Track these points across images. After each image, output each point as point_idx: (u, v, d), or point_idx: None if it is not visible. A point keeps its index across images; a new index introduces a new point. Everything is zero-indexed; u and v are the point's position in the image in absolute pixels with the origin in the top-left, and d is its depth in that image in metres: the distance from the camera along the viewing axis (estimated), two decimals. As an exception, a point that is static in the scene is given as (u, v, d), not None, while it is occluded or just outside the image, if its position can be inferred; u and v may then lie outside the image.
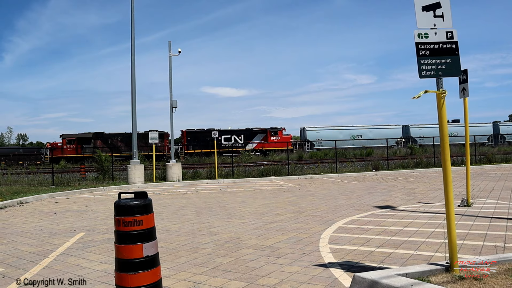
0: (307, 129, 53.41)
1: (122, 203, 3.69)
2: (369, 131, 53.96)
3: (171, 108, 23.55)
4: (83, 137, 46.53)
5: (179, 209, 11.50)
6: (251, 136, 49.20)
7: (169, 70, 23.83)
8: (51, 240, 7.76)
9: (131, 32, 20.75)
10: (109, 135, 47.48)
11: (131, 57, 20.81)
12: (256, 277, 5.12)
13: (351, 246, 6.50)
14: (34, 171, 28.88)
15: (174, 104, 23.46)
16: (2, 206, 12.74)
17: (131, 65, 20.80)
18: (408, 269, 4.49)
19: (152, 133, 23.00)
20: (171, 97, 23.66)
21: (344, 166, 27.13)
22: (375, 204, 11.07)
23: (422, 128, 55.92)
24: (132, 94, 20.80)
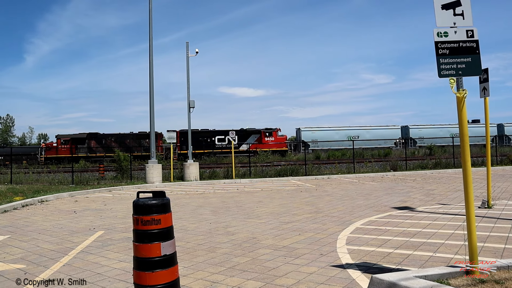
0: (302, 129, 52.60)
1: (140, 202, 3.73)
2: (366, 132, 52.94)
3: (189, 108, 23.70)
4: (78, 137, 46.91)
5: (197, 208, 11.57)
6: (245, 137, 48.43)
7: (187, 70, 23.99)
8: (71, 238, 7.89)
9: (149, 33, 20.95)
10: (103, 136, 47.69)
11: (149, 58, 21.02)
12: (273, 277, 5.11)
13: (369, 247, 6.45)
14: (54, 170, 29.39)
15: (191, 104, 23.61)
16: (24, 204, 13.01)
17: (149, 65, 21.01)
18: (427, 271, 4.43)
19: (170, 133, 23.20)
20: (189, 97, 23.81)
21: (361, 167, 26.92)
22: (393, 205, 10.96)
23: (422, 129, 54.84)
24: (150, 94, 21.00)
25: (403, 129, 56.07)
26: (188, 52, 23.92)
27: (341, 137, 49.92)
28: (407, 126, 55.89)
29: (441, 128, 54.75)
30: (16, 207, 12.53)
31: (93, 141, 46.47)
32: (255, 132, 48.74)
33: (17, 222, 10.02)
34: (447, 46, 4.68)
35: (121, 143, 46.37)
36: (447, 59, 4.65)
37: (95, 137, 47.10)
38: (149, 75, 21.02)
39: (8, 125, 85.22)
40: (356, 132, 52.89)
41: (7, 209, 12.02)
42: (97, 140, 46.78)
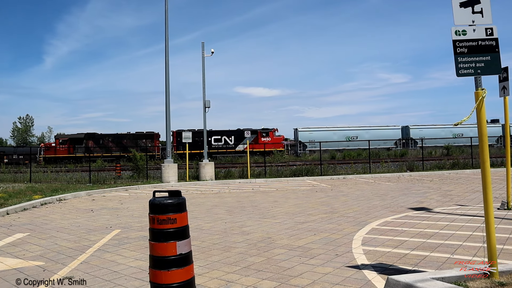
0: (299, 130, 51.98)
1: (156, 201, 3.76)
2: (365, 132, 51.95)
3: (204, 108, 23.81)
4: (76, 137, 47.48)
5: (212, 208, 11.61)
6: (242, 137, 47.85)
7: (202, 70, 24.10)
8: (88, 236, 8.00)
9: (165, 33, 21.11)
10: (101, 136, 48.24)
11: (165, 58, 21.18)
12: (288, 277, 5.10)
13: (384, 248, 6.39)
14: (72, 169, 29.82)
15: (207, 104, 23.72)
16: (43, 203, 13.23)
17: (165, 66, 21.17)
18: (445, 273, 4.37)
19: (185, 132, 23.35)
20: (204, 97, 23.92)
21: (377, 167, 26.69)
22: (410, 206, 10.84)
23: (423, 129, 53.79)
24: (166, 94, 21.16)
25: (404, 129, 55.27)
26: (203, 52, 24.03)
27: (339, 138, 49.33)
28: (407, 126, 55.05)
29: (443, 128, 53.77)
30: (35, 206, 12.75)
31: (90, 141, 47.04)
32: (252, 132, 48.00)
33: (36, 220, 10.20)
34: (466, 44, 4.61)
35: (118, 143, 47.02)
36: (465, 58, 4.58)
37: (92, 137, 47.73)
38: (165, 75, 21.18)
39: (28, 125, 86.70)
40: (355, 133, 52.06)
41: (27, 207, 12.23)
42: (94, 140, 47.38)
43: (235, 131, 48.18)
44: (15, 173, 26.30)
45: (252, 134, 47.56)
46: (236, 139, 47.80)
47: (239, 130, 48.60)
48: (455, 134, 51.54)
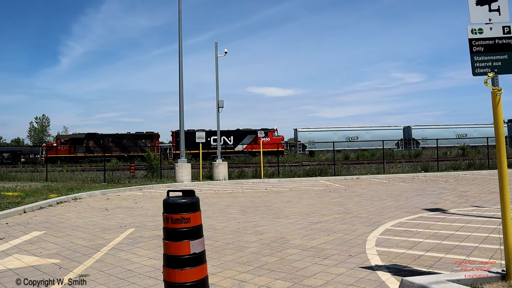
0: (299, 130, 51.61)
1: (170, 200, 3.78)
2: (366, 133, 51.39)
3: (218, 108, 23.89)
4: (76, 137, 48.10)
5: (225, 207, 11.64)
6: (241, 137, 47.84)
7: (216, 70, 24.17)
8: (103, 235, 8.08)
9: (179, 34, 21.22)
10: (101, 136, 48.77)
11: (178, 59, 21.29)
12: (301, 277, 5.09)
13: (398, 249, 6.34)
14: (87, 169, 30.17)
15: (220, 104, 23.79)
16: (59, 201, 13.41)
17: (178, 66, 21.28)
18: (460, 275, 4.32)
19: (199, 132, 23.44)
20: (218, 97, 23.99)
21: (391, 167, 26.47)
22: (424, 207, 10.73)
23: (425, 129, 52.97)
24: (179, 94, 21.28)
25: (406, 129, 54.62)
26: (217, 52, 24.10)
27: (339, 138, 48.72)
28: (409, 126, 54.38)
29: (446, 128, 53.01)
30: (51, 204, 12.93)
31: (91, 141, 47.57)
32: (250, 132, 47.99)
33: (52, 218, 10.34)
34: (482, 43, 4.55)
35: (118, 143, 47.51)
36: (481, 57, 4.52)
37: (93, 137, 48.25)
38: (178, 75, 21.30)
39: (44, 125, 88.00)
40: (355, 133, 51.49)
41: (43, 206, 12.41)
42: (95, 140, 47.88)
43: (234, 131, 47.98)
44: (31, 172, 26.73)
45: (250, 135, 47.63)
46: (235, 139, 47.57)
47: (238, 130, 48.46)
48: (458, 134, 50.79)
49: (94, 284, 5.03)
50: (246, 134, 47.75)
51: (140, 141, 47.89)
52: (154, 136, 48.85)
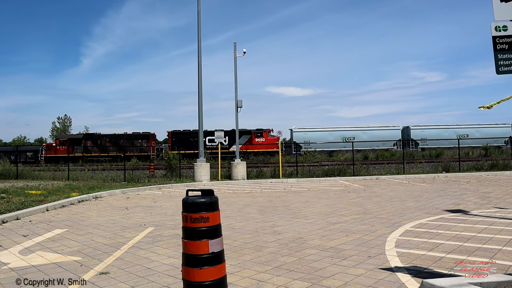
0: (294, 130, 51.03)
1: (189, 200, 3.81)
2: (362, 133, 50.41)
3: (236, 108, 23.94)
4: (75, 138, 48.81)
5: (244, 207, 11.66)
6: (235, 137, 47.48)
7: (234, 70, 24.24)
8: (123, 233, 8.18)
9: (198, 34, 21.35)
10: (98, 136, 49.37)
11: (198, 59, 21.42)
12: (320, 278, 5.07)
13: (419, 251, 6.25)
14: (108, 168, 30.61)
15: (239, 104, 23.84)
16: (80, 200, 13.64)
17: (198, 66, 21.41)
18: (483, 278, 4.23)
19: (218, 132, 23.58)
20: (236, 97, 24.05)
21: (411, 167, 26.13)
22: (446, 208, 10.56)
23: (425, 129, 51.83)
24: (198, 95, 21.41)
25: (405, 130, 53.70)
26: (235, 52, 24.17)
27: (335, 138, 48.13)
28: (408, 127, 53.43)
29: (446, 128, 51.88)
30: (73, 203, 13.16)
31: (89, 142, 48.17)
32: (246, 132, 47.46)
33: (74, 216, 10.52)
34: (506, 40, 4.45)
35: (115, 143, 48.02)
36: (506, 55, 4.43)
37: (91, 137, 48.98)
38: (197, 75, 21.43)
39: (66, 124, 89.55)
40: (352, 133, 50.55)
41: (65, 204, 12.64)
42: (92, 140, 48.50)
43: (229, 132, 47.20)
44: (54, 171, 27.25)
45: (245, 135, 47.29)
46: (231, 139, 47.01)
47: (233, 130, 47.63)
48: (459, 135, 49.70)
49: (114, 282, 5.10)
50: (242, 135, 47.05)
51: (137, 141, 48.54)
52: (150, 136, 49.42)
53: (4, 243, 7.47)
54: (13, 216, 10.13)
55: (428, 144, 48.37)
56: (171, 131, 48.39)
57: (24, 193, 14.55)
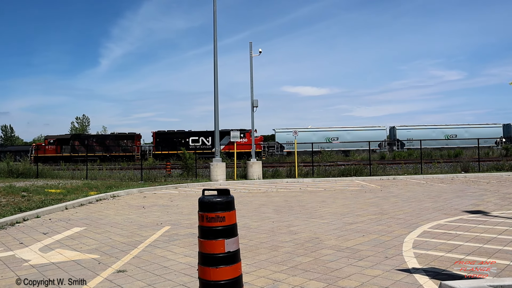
0: (277, 130, 51.05)
1: (205, 199, 3.82)
2: (347, 133, 49.40)
3: (252, 108, 23.96)
4: (63, 138, 49.51)
5: (259, 207, 11.67)
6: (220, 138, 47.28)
7: (250, 70, 24.26)
8: (140, 232, 8.27)
9: (213, 34, 21.43)
10: (86, 136, 50.32)
11: (214, 59, 21.50)
12: (336, 278, 5.04)
13: (437, 252, 6.17)
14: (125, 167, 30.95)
15: (255, 104, 23.85)
16: (98, 199, 13.82)
17: (213, 66, 21.49)
18: (504, 281, 4.15)
19: (234, 132, 23.60)
20: (252, 96, 24.06)
21: (429, 167, 25.81)
22: (465, 209, 10.39)
23: (411, 129, 50.72)
24: (214, 95, 21.48)
25: (391, 130, 52.84)
26: (251, 52, 24.18)
27: (319, 139, 47.32)
28: (394, 127, 52.44)
29: (433, 129, 50.79)
30: (91, 201, 13.34)
31: (76, 142, 48.88)
32: (228, 133, 47.30)
33: (92, 215, 10.67)
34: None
35: (101, 143, 48.76)
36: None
37: (78, 138, 49.87)
38: (213, 75, 21.51)
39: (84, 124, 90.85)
40: (335, 134, 49.79)
41: (83, 203, 12.82)
42: (80, 140, 49.23)
43: (212, 132, 47.23)
44: (73, 170, 27.67)
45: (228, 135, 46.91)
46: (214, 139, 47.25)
47: None
48: (447, 135, 48.76)
49: (132, 280, 5.15)
50: (224, 135, 47.10)
51: (122, 142, 49.25)
52: (136, 137, 50.27)
53: (25, 240, 7.62)
54: (33, 214, 10.32)
55: (414, 144, 47.22)
56: (155, 131, 49.22)
57: (44, 191, 14.82)
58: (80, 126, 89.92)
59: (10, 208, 10.84)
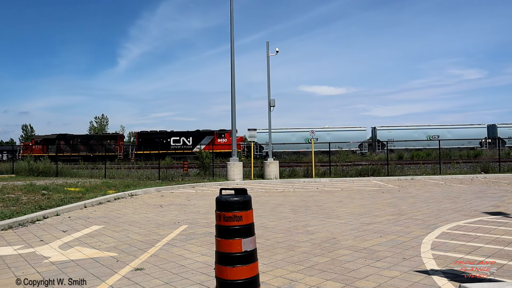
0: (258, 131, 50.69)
1: (223, 198, 3.84)
2: (326, 134, 48.29)
3: (269, 107, 23.95)
4: (49, 138, 50.46)
5: (276, 206, 11.66)
6: (200, 138, 48.35)
7: (267, 69, 24.25)
8: (157, 231, 8.34)
9: (230, 34, 21.49)
10: (71, 137, 51.08)
11: (230, 58, 21.56)
12: (353, 279, 5.01)
13: (456, 254, 6.08)
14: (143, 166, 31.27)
15: (272, 103, 23.83)
16: (116, 198, 14.00)
17: (230, 66, 21.55)
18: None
19: (250, 131, 23.63)
20: (269, 96, 24.05)
21: (448, 168, 25.44)
22: (485, 210, 10.22)
23: (392, 130, 49.73)
24: (231, 94, 21.54)
25: (373, 130, 52.06)
26: (268, 51, 24.17)
27: (298, 140, 47.01)
28: (375, 127, 51.61)
29: (415, 129, 49.78)
30: (110, 200, 13.51)
31: (62, 142, 49.80)
32: (209, 133, 48.62)
33: (110, 213, 10.81)
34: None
35: (85, 143, 49.74)
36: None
37: (64, 138, 50.60)
38: (230, 75, 21.57)
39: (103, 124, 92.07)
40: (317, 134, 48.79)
41: (102, 202, 13.00)
42: (65, 140, 50.17)
43: (193, 132, 48.89)
44: (91, 169, 28.08)
45: (208, 136, 48.36)
46: (194, 140, 48.43)
47: (197, 131, 49.43)
48: (429, 136, 47.79)
49: (149, 278, 5.21)
50: (205, 135, 48.65)
51: (106, 142, 50.23)
52: (118, 138, 51.48)
53: (45, 238, 7.77)
54: (53, 212, 10.50)
55: (396, 145, 46.22)
56: (138, 132, 50.48)
57: (63, 190, 15.07)
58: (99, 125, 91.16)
59: (31, 206, 11.06)
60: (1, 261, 6.08)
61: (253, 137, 23.54)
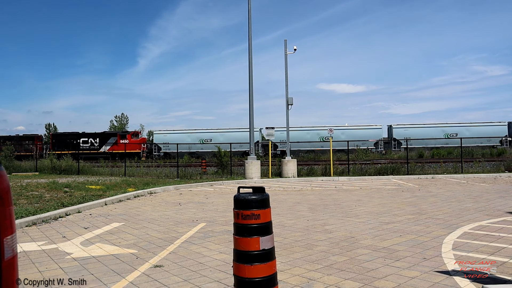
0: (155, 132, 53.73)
1: (241, 197, 3.85)
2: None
3: (287, 106, 23.87)
4: None
5: (294, 205, 11.63)
6: (106, 139, 50.06)
7: (285, 68, 24.18)
8: (176, 228, 8.41)
9: (248, 32, 21.50)
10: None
11: (248, 57, 21.57)
12: (372, 278, 4.97)
13: (478, 254, 5.96)
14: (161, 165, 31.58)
15: (290, 102, 23.74)
16: (136, 195, 14.16)
17: (248, 64, 21.56)
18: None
19: (268, 130, 23.60)
20: (287, 94, 23.97)
21: (470, 166, 24.98)
22: (509, 210, 10.00)
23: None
24: (249, 93, 21.56)
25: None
26: (286, 49, 24.10)
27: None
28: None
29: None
30: (129, 198, 13.68)
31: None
32: (113, 134, 51.01)
33: (130, 211, 10.94)
34: None
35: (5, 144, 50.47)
36: None
37: None
38: (248, 74, 21.58)
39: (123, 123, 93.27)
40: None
41: (122, 199, 13.17)
42: None
43: (100, 134, 51.08)
44: (111, 167, 28.48)
45: (113, 137, 50.43)
46: (101, 140, 50.31)
47: (104, 132, 52.24)
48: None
49: (168, 275, 5.26)
50: (110, 136, 50.61)
51: (24, 142, 51.85)
52: (36, 138, 53.06)
53: (67, 234, 7.91)
54: (75, 209, 10.69)
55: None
56: (52, 133, 53.32)
57: (84, 187, 15.33)
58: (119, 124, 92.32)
59: (54, 203, 11.29)
60: (25, 257, 6.21)
61: (271, 135, 23.49)
